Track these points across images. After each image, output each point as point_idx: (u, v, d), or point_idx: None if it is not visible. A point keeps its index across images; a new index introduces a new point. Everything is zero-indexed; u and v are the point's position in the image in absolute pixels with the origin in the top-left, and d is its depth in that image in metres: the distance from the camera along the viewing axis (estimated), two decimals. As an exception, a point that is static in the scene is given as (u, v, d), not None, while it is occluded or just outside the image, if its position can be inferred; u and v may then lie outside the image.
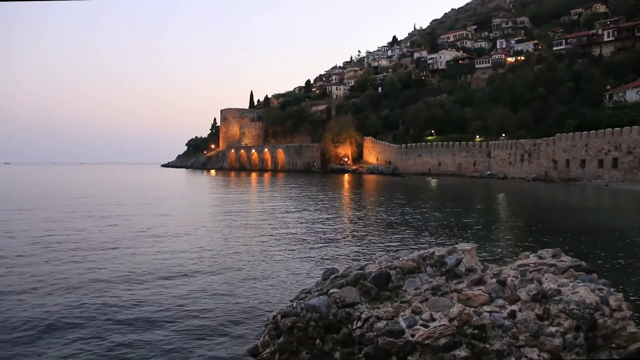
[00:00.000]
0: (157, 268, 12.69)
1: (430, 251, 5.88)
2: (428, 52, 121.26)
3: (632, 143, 53.26)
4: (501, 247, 16.04)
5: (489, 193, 46.12)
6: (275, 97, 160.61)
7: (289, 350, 5.45)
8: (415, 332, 4.86)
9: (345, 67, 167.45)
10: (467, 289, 5.19)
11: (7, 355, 7.08)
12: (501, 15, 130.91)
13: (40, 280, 11.28)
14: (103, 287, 10.73)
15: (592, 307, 4.73)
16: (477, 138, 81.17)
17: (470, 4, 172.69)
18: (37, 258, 13.87)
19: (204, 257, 14.36)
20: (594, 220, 24.27)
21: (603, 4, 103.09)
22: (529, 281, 5.16)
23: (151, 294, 10.21)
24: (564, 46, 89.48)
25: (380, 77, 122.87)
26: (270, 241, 17.29)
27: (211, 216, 25.98)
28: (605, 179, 54.56)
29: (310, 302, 5.41)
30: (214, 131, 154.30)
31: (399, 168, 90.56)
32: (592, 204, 35.17)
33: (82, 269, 12.53)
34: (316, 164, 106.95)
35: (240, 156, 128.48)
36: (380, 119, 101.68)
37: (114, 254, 14.57)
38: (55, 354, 7.13)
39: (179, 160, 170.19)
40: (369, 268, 5.79)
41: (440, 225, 21.45)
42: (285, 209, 29.29)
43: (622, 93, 66.89)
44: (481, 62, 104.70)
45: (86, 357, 7.04)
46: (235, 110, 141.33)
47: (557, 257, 5.82)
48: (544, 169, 64.49)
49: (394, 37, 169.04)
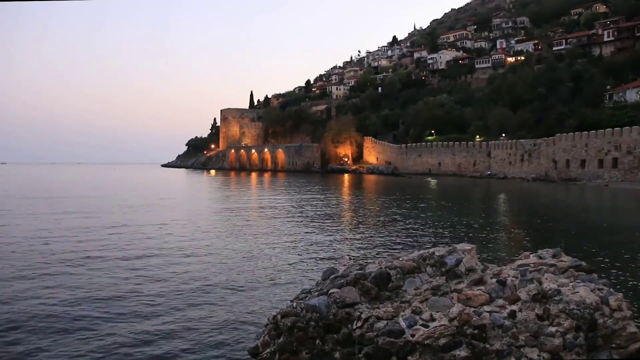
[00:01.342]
0: (157, 268, 12.69)
1: (430, 251, 5.88)
2: (428, 52, 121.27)
3: (632, 143, 53.26)
4: (501, 247, 16.04)
5: (489, 193, 46.12)
6: (275, 97, 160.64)
7: (289, 350, 5.45)
8: (415, 332, 4.87)
9: (345, 67, 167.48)
10: (467, 289, 5.19)
11: (7, 356, 7.08)
12: (501, 15, 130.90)
13: (40, 280, 11.30)
14: (103, 287, 10.72)
15: (592, 307, 4.73)
16: (477, 138, 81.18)
17: (470, 4, 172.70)
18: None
19: (203, 257, 14.36)
20: (594, 220, 24.26)
21: (603, 4, 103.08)
22: (529, 281, 5.16)
23: (151, 293, 10.20)
24: (564, 46, 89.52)
25: (380, 77, 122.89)
26: (270, 241, 17.29)
27: (211, 216, 25.98)
28: (605, 179, 54.55)
29: (310, 302, 5.41)
30: (214, 131, 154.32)
31: (399, 168, 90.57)
32: (592, 204, 35.17)
33: (82, 268, 12.53)
34: (316, 164, 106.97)
35: (240, 156, 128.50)
36: (380, 119, 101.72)
37: (114, 254, 14.56)
38: (55, 353, 7.13)
39: (179, 160, 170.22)
40: (369, 268, 5.79)
41: (440, 225, 21.45)
42: (285, 209, 29.29)
43: (622, 93, 66.91)
44: (481, 62, 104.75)
45: (86, 356, 7.04)
46: (235, 110, 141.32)
47: (557, 257, 5.82)
48: (544, 169, 64.50)
49: (394, 37, 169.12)
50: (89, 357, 7.03)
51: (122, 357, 7.04)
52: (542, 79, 77.87)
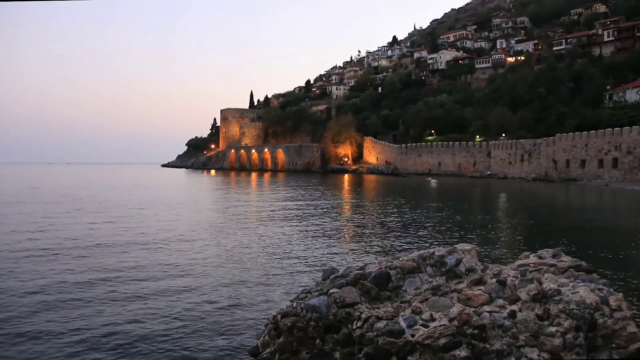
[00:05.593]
0: (156, 268, 12.69)
1: (430, 251, 5.88)
2: (428, 52, 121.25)
3: (632, 143, 53.27)
4: (501, 247, 16.04)
5: (489, 193, 46.13)
6: (275, 97, 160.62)
7: (289, 351, 5.45)
8: (415, 332, 4.87)
9: (345, 67, 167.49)
10: (467, 289, 5.19)
11: (7, 355, 7.08)
12: (501, 15, 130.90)
13: (41, 279, 11.30)
14: (102, 286, 10.73)
15: (592, 307, 4.73)
16: (477, 138, 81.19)
17: (470, 4, 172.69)
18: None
19: (203, 257, 14.36)
20: (594, 220, 24.26)
21: (603, 4, 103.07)
22: (529, 281, 5.16)
23: (150, 293, 10.20)
24: (564, 46, 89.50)
25: (380, 77, 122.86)
26: (270, 241, 17.28)
27: (211, 216, 25.97)
28: (605, 179, 54.56)
29: (310, 302, 5.41)
30: (214, 131, 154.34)
31: (399, 168, 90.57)
32: (592, 204, 35.18)
33: (81, 268, 12.53)
34: (316, 164, 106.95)
35: (240, 156, 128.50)
36: (380, 119, 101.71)
37: (114, 254, 14.56)
38: (53, 353, 7.13)
39: (179, 160, 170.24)
40: (369, 268, 5.79)
41: (440, 225, 21.45)
42: (285, 209, 29.29)
43: (622, 93, 66.93)
44: (481, 62, 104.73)
45: (85, 356, 7.04)
46: (235, 110, 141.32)
47: (557, 257, 5.82)
48: (544, 169, 64.50)
49: (394, 37, 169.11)
50: (88, 356, 7.03)
51: (122, 357, 7.04)
52: (542, 79, 77.87)
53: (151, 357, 7.04)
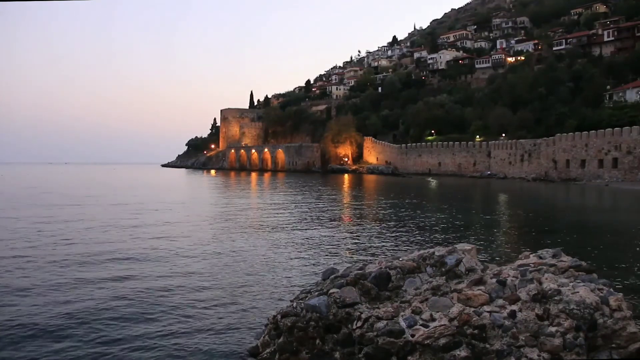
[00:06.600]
0: (157, 268, 12.69)
1: (430, 251, 5.89)
2: (428, 52, 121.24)
3: (632, 143, 53.28)
4: (501, 247, 16.04)
5: (489, 193, 46.13)
6: (275, 97, 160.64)
7: (289, 350, 5.45)
8: (415, 332, 4.87)
9: (345, 67, 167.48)
10: (467, 289, 5.19)
11: (7, 355, 7.08)
12: (501, 15, 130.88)
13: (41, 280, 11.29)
14: (102, 286, 10.72)
15: (592, 307, 4.73)
16: (477, 138, 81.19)
17: (470, 4, 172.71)
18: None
19: (203, 257, 14.35)
20: (594, 220, 24.26)
21: (603, 4, 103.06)
22: (529, 281, 5.16)
23: (151, 293, 10.20)
24: (564, 46, 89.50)
25: (380, 77, 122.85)
26: (270, 241, 17.28)
27: (211, 216, 25.97)
28: (605, 179, 54.57)
29: (310, 302, 5.41)
30: (214, 131, 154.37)
31: (399, 168, 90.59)
32: (592, 204, 35.18)
33: (80, 267, 12.53)
34: (316, 164, 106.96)
35: (240, 156, 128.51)
36: (380, 119, 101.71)
37: (114, 254, 14.56)
38: (53, 352, 7.13)
39: (179, 160, 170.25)
40: (369, 268, 5.79)
41: (440, 225, 21.45)
42: (285, 209, 29.29)
43: (622, 93, 66.93)
44: (481, 62, 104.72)
45: (85, 356, 7.04)
46: (235, 110, 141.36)
47: (557, 257, 5.82)
48: (544, 169, 64.51)
49: (394, 37, 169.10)
50: (87, 356, 7.03)
51: (122, 357, 7.03)
52: (542, 79, 77.87)
53: (151, 357, 7.04)
